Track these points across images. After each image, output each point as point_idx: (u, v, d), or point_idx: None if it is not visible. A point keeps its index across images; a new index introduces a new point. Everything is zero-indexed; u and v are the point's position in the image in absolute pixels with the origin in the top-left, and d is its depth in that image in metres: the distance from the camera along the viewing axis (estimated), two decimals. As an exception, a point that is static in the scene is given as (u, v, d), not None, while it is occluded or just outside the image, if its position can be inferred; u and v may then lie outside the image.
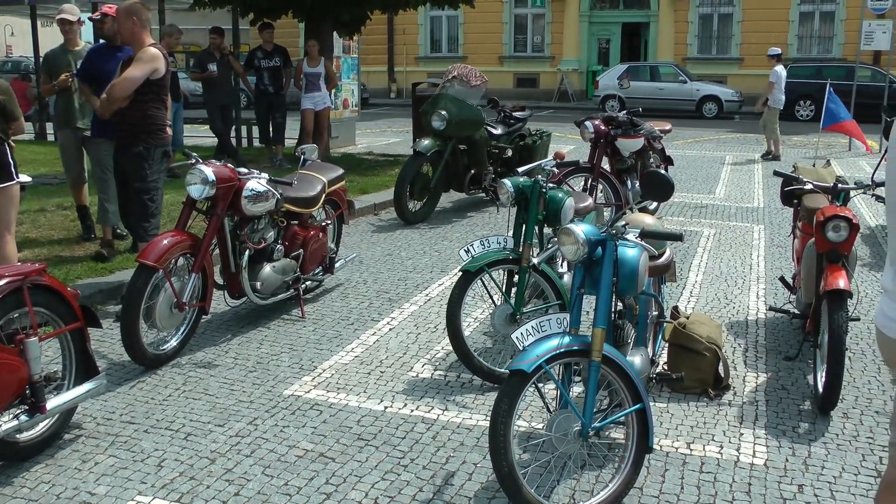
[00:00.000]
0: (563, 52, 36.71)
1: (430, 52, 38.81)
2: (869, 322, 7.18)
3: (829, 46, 34.35)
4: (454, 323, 5.64)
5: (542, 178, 5.78)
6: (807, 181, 6.58)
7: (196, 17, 19.23)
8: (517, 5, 37.74)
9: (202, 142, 16.70)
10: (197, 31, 31.67)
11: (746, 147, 20.54)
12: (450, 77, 11.49)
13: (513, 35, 37.92)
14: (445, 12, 32.33)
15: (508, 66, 37.75)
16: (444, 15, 36.46)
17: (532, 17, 37.86)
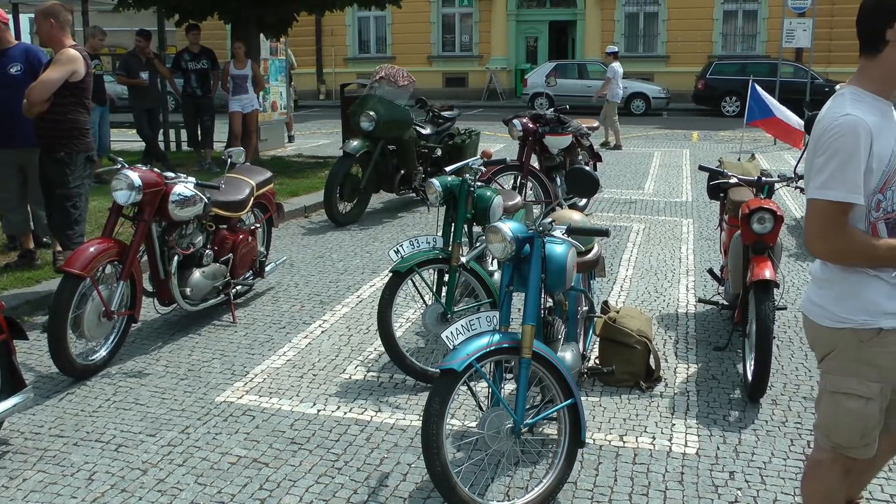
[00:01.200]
0: (491, 50, 36.83)
1: (358, 52, 38.67)
2: (796, 311, 7.31)
3: (753, 44, 34.97)
4: (385, 324, 5.62)
5: (470, 177, 5.78)
6: (732, 175, 6.69)
7: (122, 18, 18.93)
8: (445, 5, 37.77)
9: (130, 146, 16.44)
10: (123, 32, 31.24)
11: (675, 143, 20.80)
12: (377, 78, 11.46)
13: (441, 35, 37.93)
14: (373, 13, 32.19)
15: (437, 66, 37.77)
16: (371, 15, 36.33)
17: (460, 17, 37.91)
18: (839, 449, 3.25)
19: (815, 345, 3.28)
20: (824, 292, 3.16)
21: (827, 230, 2.99)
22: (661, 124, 26.27)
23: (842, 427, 3.19)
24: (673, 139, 21.76)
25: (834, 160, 2.93)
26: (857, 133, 2.91)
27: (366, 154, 11.01)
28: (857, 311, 3.07)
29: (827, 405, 3.22)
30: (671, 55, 35.24)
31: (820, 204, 2.97)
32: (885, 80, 3.06)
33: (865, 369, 3.10)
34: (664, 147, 19.92)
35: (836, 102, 3.05)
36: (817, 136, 3.03)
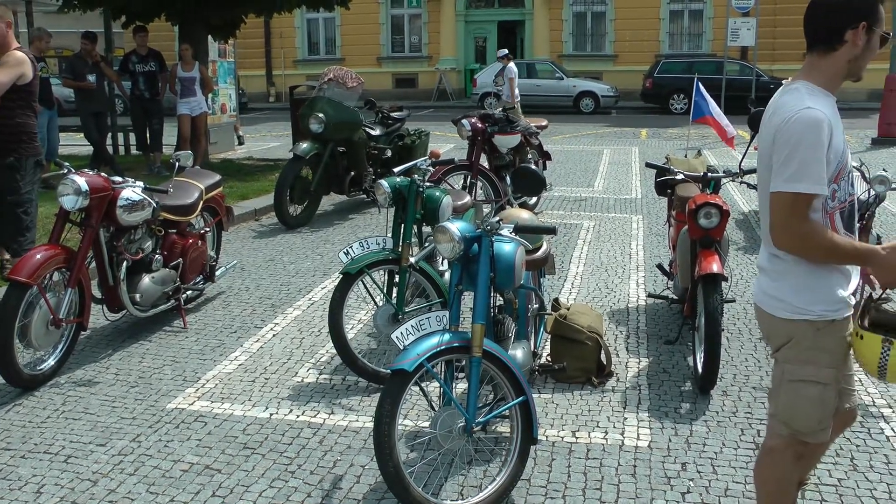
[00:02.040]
0: (440, 51, 36.88)
1: (307, 54, 38.53)
2: (745, 303, 7.43)
3: (699, 43, 35.39)
4: (336, 326, 5.61)
5: (419, 178, 5.79)
6: (678, 171, 6.76)
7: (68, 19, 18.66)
8: (393, 6, 37.76)
9: (78, 150, 16.24)
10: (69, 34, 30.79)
11: (624, 141, 20.95)
12: (326, 80, 11.43)
13: (390, 36, 37.92)
14: (322, 14, 32.17)
15: (387, 67, 37.74)
16: (320, 17, 36.23)
17: (409, 18, 37.93)
18: (798, 435, 3.32)
19: (770, 335, 3.35)
20: (779, 284, 3.23)
21: (792, 222, 3.06)
22: (611, 122, 26.45)
23: (802, 414, 3.26)
24: (622, 137, 21.93)
25: (799, 152, 2.99)
26: (820, 126, 2.99)
27: (316, 156, 10.98)
28: (814, 303, 3.16)
29: (786, 394, 3.28)
30: (619, 54, 35.54)
31: (787, 196, 3.03)
32: (835, 76, 3.16)
33: (821, 356, 3.19)
34: (613, 145, 20.06)
35: (792, 96, 3.11)
36: (777, 128, 3.08)
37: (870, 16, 3.09)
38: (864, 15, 3.08)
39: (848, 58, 3.12)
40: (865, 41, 3.10)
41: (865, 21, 3.08)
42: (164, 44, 24.68)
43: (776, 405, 3.35)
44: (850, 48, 3.10)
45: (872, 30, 3.09)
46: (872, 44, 3.12)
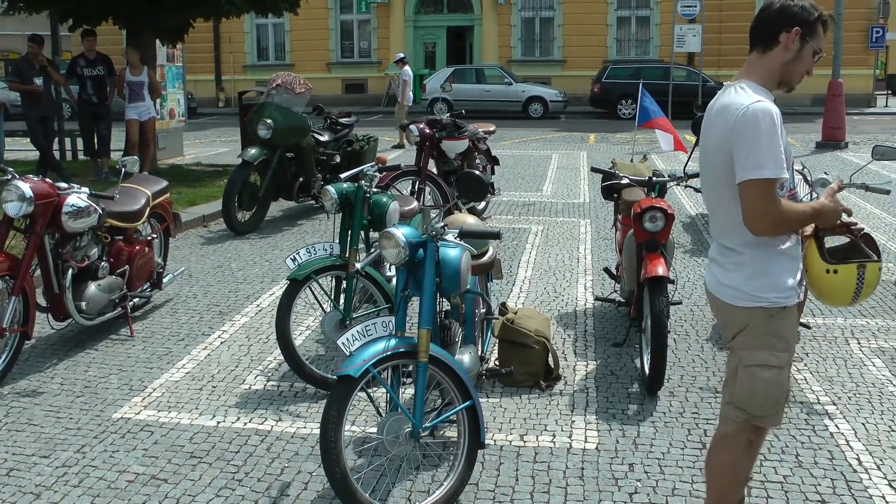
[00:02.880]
0: (389, 56, 36.76)
1: (257, 59, 38.37)
2: (692, 305, 7.52)
3: (647, 49, 35.82)
4: (284, 332, 5.59)
5: (366, 183, 5.79)
6: (623, 176, 6.82)
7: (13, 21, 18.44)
8: (342, 12, 37.75)
9: (24, 156, 16.02)
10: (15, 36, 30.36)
11: (572, 145, 21.09)
12: (274, 85, 11.39)
13: (339, 41, 37.90)
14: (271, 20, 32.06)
15: (336, 73, 37.68)
16: (269, 22, 36.09)
17: (358, 23, 37.94)
18: (754, 420, 3.48)
19: (726, 324, 3.54)
20: (733, 274, 3.41)
21: (767, 206, 3.22)
22: (559, 127, 26.63)
23: (759, 397, 3.42)
24: (570, 142, 22.07)
25: (760, 142, 3.18)
26: (773, 116, 3.21)
27: (264, 162, 10.94)
28: (767, 290, 3.35)
29: (742, 379, 3.43)
30: (567, 59, 35.81)
31: (757, 183, 3.20)
32: (771, 76, 3.42)
33: (774, 341, 3.39)
34: (562, 149, 20.18)
35: (738, 93, 3.33)
36: (731, 124, 3.25)
37: (805, 26, 3.35)
38: (800, 23, 3.34)
39: (782, 60, 3.39)
40: (797, 48, 3.37)
41: (800, 28, 3.34)
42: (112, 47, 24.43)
43: (732, 392, 3.49)
44: (783, 51, 3.37)
45: (806, 39, 3.34)
46: (804, 53, 3.38)
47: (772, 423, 3.53)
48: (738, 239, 3.38)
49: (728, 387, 3.53)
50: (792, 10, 3.35)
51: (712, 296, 3.55)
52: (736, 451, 3.58)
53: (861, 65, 33.69)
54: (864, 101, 34.50)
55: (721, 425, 3.62)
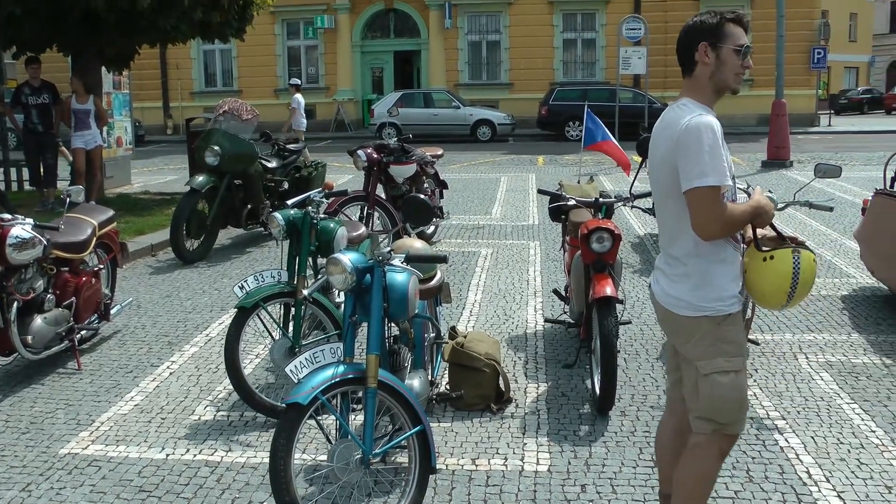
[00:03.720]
0: (337, 82, 36.94)
1: (205, 86, 38.17)
2: (641, 324, 7.58)
3: (593, 71, 36.19)
4: (233, 361, 5.55)
5: (313, 209, 5.78)
6: (570, 197, 6.86)
7: (-43, 49, 18.13)
8: (290, 38, 37.74)
9: (-33, 188, 15.77)
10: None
11: (521, 168, 21.21)
12: (221, 112, 11.34)
13: (287, 67, 37.81)
14: (218, 46, 31.80)
15: (284, 99, 37.43)
16: (216, 48, 35.88)
17: (305, 49, 37.94)
18: (722, 429, 3.56)
19: (674, 332, 3.67)
20: (680, 285, 3.54)
21: (713, 212, 3.35)
22: (508, 150, 26.77)
23: (723, 404, 3.52)
24: (519, 164, 22.20)
25: (703, 152, 3.31)
26: (714, 129, 3.35)
27: (212, 189, 10.87)
28: (712, 300, 3.48)
29: (704, 389, 3.53)
30: (515, 82, 36.05)
31: (702, 191, 3.32)
32: (706, 93, 3.53)
33: (726, 346, 3.50)
34: (511, 172, 20.29)
35: (681, 110, 3.47)
36: (675, 138, 3.39)
37: (709, 36, 3.47)
38: (704, 36, 3.48)
39: (706, 75, 3.50)
40: (714, 58, 3.47)
41: (705, 41, 3.47)
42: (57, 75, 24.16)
43: (697, 404, 3.57)
44: (703, 66, 3.49)
45: (718, 46, 3.47)
46: (724, 58, 3.48)
47: (739, 429, 3.61)
48: (683, 249, 3.51)
49: (692, 399, 3.61)
50: (694, 28, 3.51)
51: (658, 304, 3.66)
52: (709, 462, 3.66)
53: (804, 85, 34.31)
54: (807, 121, 35.13)
55: (692, 436, 3.68)
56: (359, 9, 36.60)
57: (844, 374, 6.45)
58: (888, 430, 5.45)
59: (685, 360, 3.62)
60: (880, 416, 5.66)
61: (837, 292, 8.72)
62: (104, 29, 14.13)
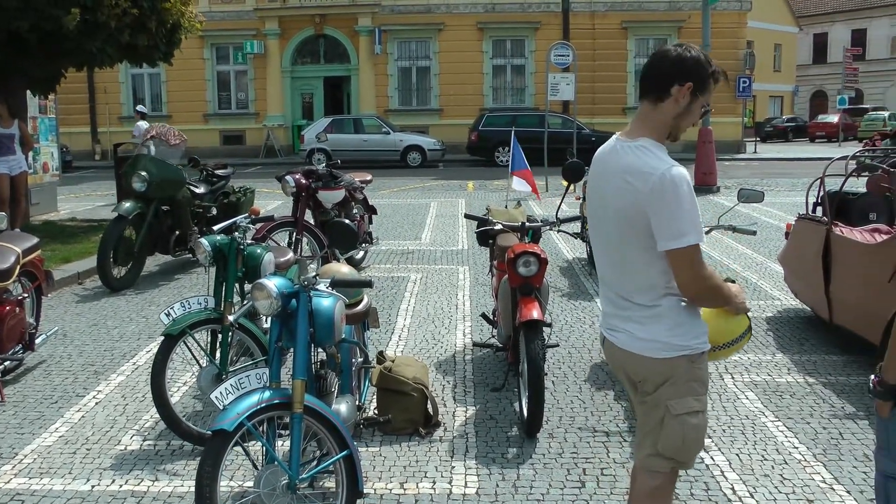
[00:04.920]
0: (267, 107, 36.82)
1: (133, 111, 37.69)
2: (570, 347, 7.67)
3: (523, 97, 36.66)
4: (159, 390, 5.52)
5: (239, 235, 5.78)
6: (496, 222, 6.94)
7: None
8: (219, 62, 37.55)
9: None
10: None
11: (451, 193, 21.33)
12: (148, 137, 11.26)
13: (216, 92, 37.63)
14: (146, 70, 31.51)
15: (214, 124, 37.38)
16: (144, 72, 35.51)
17: (235, 74, 37.78)
18: (680, 466, 3.55)
19: (647, 378, 3.46)
20: (653, 327, 3.38)
21: (697, 270, 3.27)
22: (438, 175, 26.91)
23: (690, 444, 3.46)
24: (449, 189, 22.34)
25: (682, 208, 3.19)
26: (688, 181, 3.23)
27: (139, 216, 10.76)
28: (689, 337, 3.38)
29: (673, 429, 3.42)
30: (445, 108, 36.31)
31: (687, 251, 3.22)
32: (663, 127, 3.38)
33: (696, 386, 3.42)
34: (441, 197, 20.41)
35: (645, 154, 3.29)
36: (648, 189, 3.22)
37: (698, 81, 3.32)
38: (693, 78, 3.32)
39: (672, 113, 3.35)
40: (687, 102, 3.33)
41: (692, 83, 3.31)
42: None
43: (656, 444, 3.47)
44: (673, 104, 3.33)
45: (696, 95, 3.34)
46: (693, 108, 3.37)
47: (692, 465, 3.60)
48: (652, 295, 3.37)
49: (651, 439, 3.50)
50: (687, 64, 3.32)
51: (626, 353, 3.47)
52: (667, 500, 3.63)
53: (730, 113, 35.12)
54: (734, 148, 35.99)
55: (647, 479, 3.59)
56: (288, 34, 36.59)
57: (769, 393, 6.61)
58: (810, 445, 5.61)
59: (646, 402, 3.49)
60: (803, 433, 5.82)
61: (762, 314, 8.93)
62: (28, 51, 13.95)
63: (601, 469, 5.27)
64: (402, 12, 36.28)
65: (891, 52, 64.63)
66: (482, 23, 36.24)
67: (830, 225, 7.69)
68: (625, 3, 36.29)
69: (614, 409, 6.25)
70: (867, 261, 6.97)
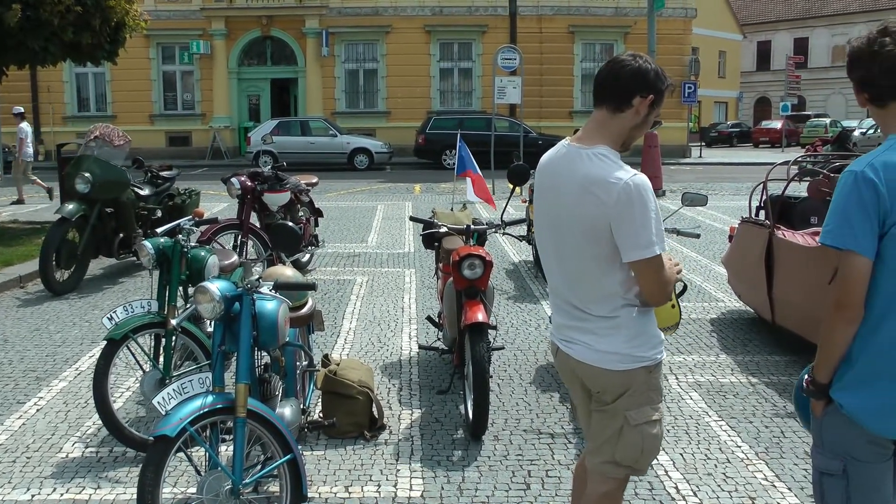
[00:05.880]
0: (214, 109, 36.53)
1: (77, 110, 37.21)
2: (515, 349, 7.71)
3: (470, 100, 36.81)
4: (102, 396, 5.44)
5: (183, 238, 5.73)
6: (442, 224, 6.95)
7: None
8: (165, 62, 37.19)
9: None
10: None
11: (398, 196, 21.34)
12: (92, 137, 11.09)
13: (162, 93, 37.28)
14: (90, 69, 31.17)
15: (160, 125, 37.02)
16: (89, 72, 35.06)
17: (181, 75, 37.46)
18: (635, 473, 3.57)
19: (605, 389, 3.45)
20: (612, 339, 3.35)
21: (663, 278, 3.29)
22: (385, 178, 26.91)
23: (648, 452, 3.47)
24: (396, 192, 22.34)
25: (647, 218, 3.19)
26: (651, 189, 3.24)
27: (83, 218, 10.61)
28: (648, 349, 3.39)
29: (631, 439, 3.43)
30: (392, 111, 36.32)
31: (653, 260, 3.23)
32: (620, 136, 3.35)
33: (653, 395, 3.45)
34: (388, 200, 20.40)
35: (604, 163, 3.26)
36: (612, 200, 3.19)
37: (657, 94, 3.33)
38: (654, 90, 3.32)
39: (631, 124, 3.34)
40: (645, 114, 3.34)
41: (653, 95, 3.32)
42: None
43: (615, 452, 3.46)
44: (634, 115, 3.32)
45: (654, 107, 3.35)
46: (648, 119, 3.38)
47: (646, 471, 3.65)
48: (610, 306, 3.34)
49: (608, 447, 3.48)
50: (649, 76, 3.31)
51: (584, 365, 3.44)
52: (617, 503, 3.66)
53: (676, 118, 35.51)
54: (679, 152, 36.42)
55: (598, 484, 3.59)
56: (235, 35, 36.35)
57: (713, 393, 6.71)
58: (752, 444, 5.72)
59: (604, 411, 3.47)
60: (745, 432, 5.92)
61: (706, 316, 9.05)
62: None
63: (546, 471, 5.30)
64: (349, 14, 36.23)
65: (832, 61, 65.83)
66: (430, 26, 36.31)
67: (773, 228, 7.82)
68: (572, 7, 36.55)
69: (559, 412, 6.30)
70: (808, 263, 7.11)
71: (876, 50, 2.92)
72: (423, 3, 36.28)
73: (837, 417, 2.98)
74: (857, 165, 2.87)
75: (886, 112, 2.97)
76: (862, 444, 2.96)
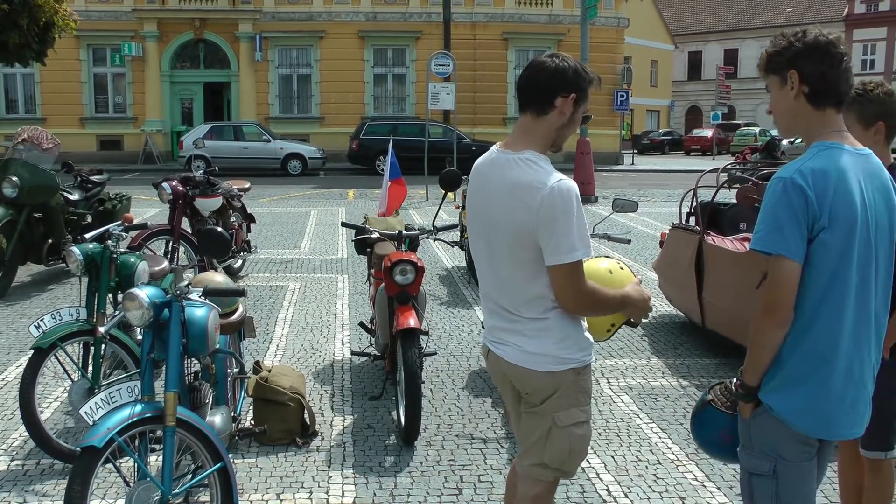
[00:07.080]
0: (146, 112, 36.10)
1: (6, 112, 36.49)
2: (448, 355, 7.74)
3: (404, 106, 36.88)
4: (28, 407, 5.32)
5: (112, 243, 5.66)
6: (373, 230, 6.96)
7: None
8: (96, 64, 36.67)
9: None
10: None
11: (331, 202, 21.27)
12: (19, 140, 10.88)
13: (93, 95, 36.75)
14: (19, 70, 30.63)
15: (91, 128, 36.47)
16: (17, 72, 34.41)
17: (112, 77, 36.97)
18: (563, 476, 3.57)
19: (534, 391, 3.45)
20: (541, 340, 3.36)
21: (581, 286, 3.28)
22: (318, 184, 26.85)
23: (575, 454, 3.48)
24: (329, 198, 22.28)
25: (571, 223, 3.21)
26: (577, 194, 3.27)
27: (9, 223, 10.40)
28: (576, 351, 3.39)
29: (559, 440, 3.43)
30: (325, 116, 36.27)
31: (572, 266, 3.23)
32: (546, 139, 3.36)
33: (582, 397, 3.45)
34: (321, 206, 20.34)
35: (531, 168, 3.28)
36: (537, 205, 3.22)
37: (580, 91, 3.33)
38: (575, 88, 3.32)
39: (557, 125, 3.34)
40: (571, 113, 3.34)
41: (575, 94, 3.32)
42: None
43: (544, 454, 3.47)
44: (558, 116, 3.32)
45: (579, 104, 3.35)
46: (576, 118, 3.38)
47: (575, 474, 3.67)
48: (539, 308, 3.34)
49: (537, 449, 3.48)
50: (568, 75, 3.31)
51: (513, 366, 3.44)
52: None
53: (608, 126, 35.99)
54: (612, 159, 36.92)
55: (528, 487, 3.59)
56: (168, 37, 35.98)
57: (644, 396, 6.82)
58: (683, 446, 5.81)
59: (533, 413, 3.48)
60: (676, 434, 6.02)
61: (638, 320, 9.15)
62: None
63: (478, 476, 5.33)
64: (283, 19, 36.10)
65: (760, 72, 67.13)
66: (364, 31, 36.31)
67: (703, 234, 7.96)
68: (505, 14, 36.81)
69: (492, 416, 6.34)
70: (737, 268, 7.26)
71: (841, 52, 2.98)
72: (358, 8, 36.31)
73: (767, 419, 3.04)
74: (785, 172, 2.92)
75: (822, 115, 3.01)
76: (791, 445, 3.03)
